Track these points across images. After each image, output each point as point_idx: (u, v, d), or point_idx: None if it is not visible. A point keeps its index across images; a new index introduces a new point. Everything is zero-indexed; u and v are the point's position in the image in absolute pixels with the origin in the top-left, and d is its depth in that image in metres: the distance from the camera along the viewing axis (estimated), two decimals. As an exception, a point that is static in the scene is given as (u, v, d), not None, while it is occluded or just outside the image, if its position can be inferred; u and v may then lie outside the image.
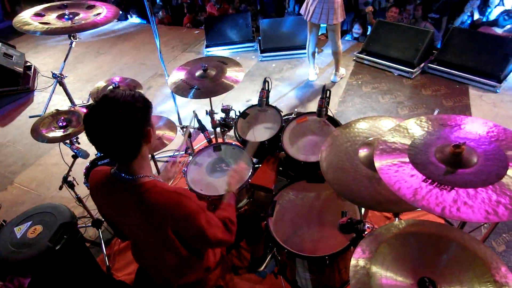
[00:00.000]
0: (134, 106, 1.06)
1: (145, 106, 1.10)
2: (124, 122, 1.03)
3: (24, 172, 3.09)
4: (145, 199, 1.11)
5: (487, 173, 1.09)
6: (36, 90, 4.37)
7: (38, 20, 1.97)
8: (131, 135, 1.06)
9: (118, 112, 1.02)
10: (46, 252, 1.65)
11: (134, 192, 1.13)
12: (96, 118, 1.03)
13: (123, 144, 1.07)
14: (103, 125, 1.02)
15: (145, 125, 1.10)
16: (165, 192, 1.13)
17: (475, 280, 1.09)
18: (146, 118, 1.10)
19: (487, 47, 3.53)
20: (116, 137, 1.04)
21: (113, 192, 1.18)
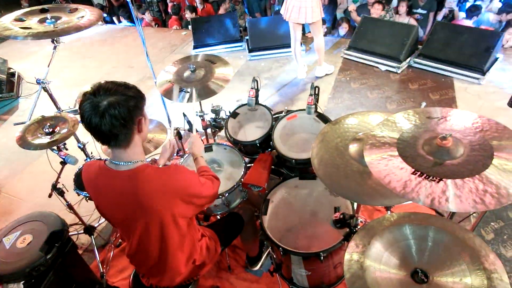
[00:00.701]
0: (127, 95, 1.12)
1: (138, 96, 1.16)
2: (117, 109, 1.08)
3: (11, 181, 3.03)
4: (140, 187, 1.16)
5: (474, 163, 1.11)
6: (21, 97, 4.28)
7: (19, 25, 1.92)
8: (124, 122, 1.10)
9: (110, 99, 1.08)
10: (37, 262, 1.62)
11: (129, 180, 1.17)
12: (91, 105, 1.07)
13: (116, 130, 1.10)
14: (98, 111, 1.07)
15: (137, 114, 1.14)
16: (158, 173, 1.19)
17: (466, 268, 1.12)
18: (139, 107, 1.15)
19: (470, 41, 3.61)
20: (110, 124, 1.08)
21: (109, 183, 1.21)
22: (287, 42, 4.12)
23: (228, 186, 1.84)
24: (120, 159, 1.19)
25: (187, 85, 2.04)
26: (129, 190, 1.17)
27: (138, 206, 1.19)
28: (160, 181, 1.18)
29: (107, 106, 1.07)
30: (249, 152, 2.10)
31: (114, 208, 1.26)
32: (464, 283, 1.08)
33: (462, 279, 1.09)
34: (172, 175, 1.21)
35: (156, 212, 1.19)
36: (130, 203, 1.19)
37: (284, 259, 1.65)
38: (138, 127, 1.17)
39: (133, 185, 1.17)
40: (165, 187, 1.18)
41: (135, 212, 1.20)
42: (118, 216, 1.28)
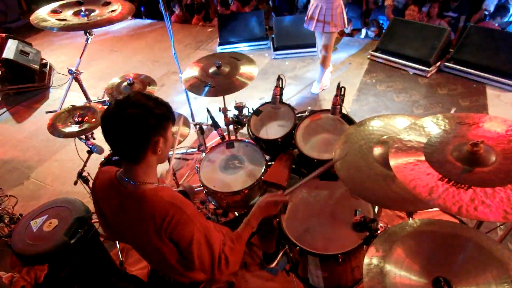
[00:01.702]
0: (151, 111, 1.06)
1: (164, 116, 1.10)
2: (133, 122, 1.03)
3: (40, 168, 3.17)
4: (142, 210, 1.11)
5: (506, 171, 1.06)
6: (52, 87, 4.47)
7: (55, 17, 2.01)
8: (138, 138, 1.06)
9: (132, 111, 1.03)
10: (62, 246, 1.69)
11: (133, 199, 1.12)
12: (112, 112, 1.05)
13: (128, 144, 1.07)
14: (115, 120, 1.04)
15: (155, 133, 1.08)
16: (163, 202, 1.11)
17: (492, 281, 1.07)
18: (160, 127, 1.09)
19: (505, 46, 3.44)
20: (122, 136, 1.05)
21: (114, 196, 1.17)
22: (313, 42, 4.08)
23: (248, 183, 1.84)
24: (129, 176, 1.13)
25: (212, 80, 2.06)
26: (129, 209, 1.14)
27: (135, 225, 1.16)
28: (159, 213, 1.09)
29: (126, 118, 1.03)
30: (271, 150, 2.09)
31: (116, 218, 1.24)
32: (489, 296, 1.04)
33: (488, 292, 1.05)
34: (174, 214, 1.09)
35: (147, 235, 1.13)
36: (130, 220, 1.17)
37: (301, 259, 1.64)
38: (152, 147, 1.10)
39: (134, 207, 1.12)
40: (164, 222, 1.09)
41: (138, 233, 1.18)
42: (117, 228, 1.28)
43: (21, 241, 1.69)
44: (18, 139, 3.59)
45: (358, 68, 4.07)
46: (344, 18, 3.16)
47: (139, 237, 1.20)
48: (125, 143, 1.07)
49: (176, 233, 1.11)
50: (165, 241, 1.14)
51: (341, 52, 4.46)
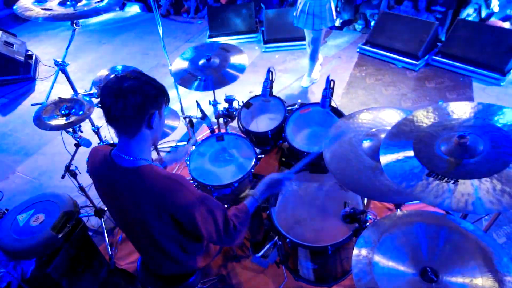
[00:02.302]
0: (150, 84, 1.11)
1: (161, 91, 1.15)
2: (134, 92, 1.06)
3: (26, 161, 3.10)
4: (140, 184, 1.12)
5: (493, 161, 1.07)
6: (38, 79, 4.35)
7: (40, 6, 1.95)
8: (136, 107, 1.07)
9: (132, 82, 1.08)
10: (49, 240, 1.66)
11: (130, 175, 1.13)
12: (113, 83, 1.08)
13: (127, 114, 1.07)
14: (116, 90, 1.06)
15: (153, 105, 1.11)
16: (159, 178, 1.13)
17: (477, 269, 1.10)
18: (157, 101, 1.13)
19: (492, 40, 3.49)
20: (122, 105, 1.06)
21: (109, 174, 1.18)
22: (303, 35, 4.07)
23: (238, 176, 1.84)
24: (124, 151, 1.14)
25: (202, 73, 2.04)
26: (127, 187, 1.14)
27: (132, 204, 1.16)
28: (159, 187, 1.11)
29: (125, 88, 1.06)
30: (261, 143, 2.09)
31: (110, 199, 1.25)
32: (474, 284, 1.07)
33: (473, 280, 1.08)
34: (172, 188, 1.12)
35: (147, 213, 1.14)
36: (125, 198, 1.17)
37: (291, 251, 1.66)
38: (149, 120, 1.12)
39: (130, 182, 1.13)
40: (160, 196, 1.11)
41: (129, 208, 1.18)
42: (114, 207, 1.28)
43: (7, 236, 1.66)
44: (3, 132, 3.49)
45: (348, 61, 4.08)
46: (333, 14, 3.14)
47: (137, 219, 1.19)
48: (124, 113, 1.07)
49: (177, 206, 1.12)
50: (164, 219, 1.14)
51: (331, 45, 4.46)
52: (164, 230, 1.19)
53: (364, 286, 1.11)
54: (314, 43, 3.31)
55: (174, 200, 1.12)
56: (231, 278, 1.99)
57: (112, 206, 1.28)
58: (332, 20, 3.14)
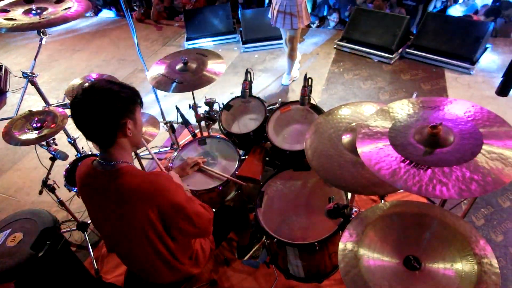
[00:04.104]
0: (117, 95, 1.09)
1: (130, 99, 1.13)
2: (100, 108, 1.06)
3: (0, 179, 2.97)
4: (122, 184, 1.12)
5: (463, 151, 1.13)
6: (9, 91, 4.18)
7: (3, 16, 1.86)
8: (106, 122, 1.09)
9: (97, 97, 1.07)
10: (29, 260, 1.59)
11: (111, 178, 1.14)
12: (80, 100, 1.08)
13: (98, 129, 1.10)
14: (83, 107, 1.07)
15: (122, 116, 1.11)
16: (139, 175, 1.14)
17: (456, 254, 1.14)
18: (127, 110, 1.12)
19: (460, 31, 3.63)
20: (92, 122, 1.08)
21: (93, 182, 1.18)
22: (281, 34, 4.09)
23: (222, 179, 1.83)
24: (105, 159, 1.16)
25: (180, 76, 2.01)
26: (109, 189, 1.14)
27: (116, 207, 1.15)
28: (140, 184, 1.12)
29: (89, 106, 1.06)
30: (243, 144, 2.09)
31: (99, 210, 1.23)
32: (455, 269, 1.10)
33: (453, 265, 1.12)
34: (154, 180, 1.14)
35: (134, 216, 1.14)
36: (109, 204, 1.15)
37: (280, 251, 1.66)
38: (122, 130, 1.12)
39: (114, 184, 1.13)
40: (144, 191, 1.12)
41: (115, 212, 1.16)
42: (100, 217, 1.25)
43: (-17, 259, 1.58)
44: (-27, 150, 3.33)
45: (326, 58, 4.14)
46: (308, 13, 3.17)
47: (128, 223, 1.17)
48: (95, 129, 1.10)
49: (166, 200, 1.14)
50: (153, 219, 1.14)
51: (308, 42, 4.51)
52: (155, 228, 1.18)
53: (351, 279, 1.12)
54: (291, 42, 3.33)
55: (158, 190, 1.13)
56: (223, 282, 1.97)
57: (102, 218, 1.25)
58: (308, 18, 3.17)
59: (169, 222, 1.19)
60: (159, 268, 1.31)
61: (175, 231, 1.23)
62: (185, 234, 1.26)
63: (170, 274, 1.36)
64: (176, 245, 1.30)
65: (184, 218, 1.20)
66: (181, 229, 1.22)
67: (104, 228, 1.29)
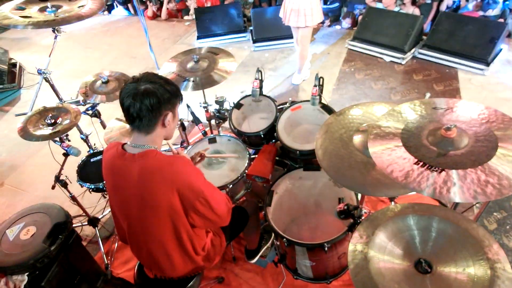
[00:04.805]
0: (164, 87, 1.18)
1: (174, 92, 1.22)
2: (149, 95, 1.15)
3: (14, 173, 3.03)
4: (144, 165, 1.18)
5: (477, 154, 1.11)
6: (23, 87, 4.27)
7: (19, 14, 1.90)
8: (152, 109, 1.16)
9: (148, 85, 1.15)
10: (41, 254, 1.62)
11: (137, 160, 1.19)
12: (131, 86, 1.16)
13: (144, 115, 1.16)
14: (133, 93, 1.15)
15: (167, 107, 1.20)
16: (161, 157, 1.20)
17: (469, 258, 1.12)
18: (171, 102, 1.21)
19: (474, 31, 3.56)
20: (139, 107, 1.15)
21: (119, 163, 1.23)
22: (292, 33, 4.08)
23: (232, 178, 1.84)
24: (136, 143, 1.22)
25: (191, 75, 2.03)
26: (134, 170, 1.19)
27: (138, 189, 1.19)
28: (162, 164, 1.18)
29: (142, 91, 1.14)
30: (253, 143, 2.09)
31: (119, 192, 1.27)
32: (467, 273, 1.09)
33: (466, 269, 1.10)
34: (176, 162, 1.21)
35: (154, 196, 1.19)
36: (133, 185, 1.20)
37: (289, 250, 1.66)
38: (163, 120, 1.20)
39: (138, 165, 1.19)
40: (165, 171, 1.18)
41: (135, 195, 1.21)
42: (121, 200, 1.28)
43: (-2, 251, 1.62)
44: (-12, 144, 3.42)
45: (337, 57, 4.11)
46: (321, 11, 3.16)
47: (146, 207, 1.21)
48: (140, 114, 1.16)
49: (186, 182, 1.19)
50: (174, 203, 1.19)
51: (319, 42, 4.48)
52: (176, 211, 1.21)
53: (361, 281, 1.11)
54: (303, 41, 3.32)
55: (179, 172, 1.19)
56: (231, 280, 1.98)
57: (123, 201, 1.29)
58: (320, 17, 3.16)
59: (188, 205, 1.22)
60: (174, 257, 1.33)
61: (193, 215, 1.25)
62: (203, 219, 1.29)
63: (183, 265, 1.38)
64: (193, 232, 1.33)
65: (202, 202, 1.23)
66: (199, 213, 1.25)
67: (122, 214, 1.32)
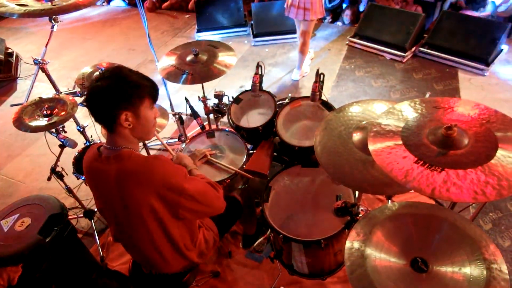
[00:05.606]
0: (122, 87, 1.10)
1: (137, 92, 1.12)
2: (99, 95, 1.10)
3: (10, 164, 3.01)
4: (121, 168, 1.14)
5: (477, 154, 1.10)
6: (19, 78, 4.22)
7: (15, 2, 1.86)
8: (102, 109, 1.12)
9: (101, 83, 1.10)
10: (36, 245, 1.61)
11: (113, 162, 1.16)
12: (90, 85, 1.13)
13: (98, 114, 1.13)
14: (92, 89, 1.11)
15: (121, 106, 1.11)
16: (138, 160, 1.16)
17: (465, 258, 1.12)
18: (127, 102, 1.11)
19: (476, 31, 3.54)
20: (93, 105, 1.12)
21: (98, 167, 1.20)
22: (292, 28, 4.05)
23: (230, 173, 1.82)
24: (110, 143, 1.19)
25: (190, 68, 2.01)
26: (110, 174, 1.16)
27: (117, 192, 1.16)
28: (137, 168, 1.13)
29: (97, 89, 1.10)
30: (252, 138, 2.08)
31: (101, 195, 1.25)
32: (463, 273, 1.09)
33: (462, 269, 1.10)
34: (151, 164, 1.14)
35: (134, 201, 1.15)
36: (111, 188, 1.17)
37: (285, 246, 1.66)
38: (118, 121, 1.12)
39: (114, 169, 1.15)
40: (141, 175, 1.13)
41: (117, 198, 1.18)
42: (105, 203, 1.27)
43: (-8, 242, 1.61)
44: (-16, 134, 3.38)
45: (337, 54, 4.09)
46: (322, 6, 3.14)
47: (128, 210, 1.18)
48: (97, 112, 1.13)
49: (164, 183, 1.14)
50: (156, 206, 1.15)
51: (320, 38, 4.45)
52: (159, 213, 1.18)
53: (357, 279, 1.11)
54: (304, 36, 3.30)
55: (157, 172, 1.14)
56: (226, 275, 1.98)
57: (106, 204, 1.27)
58: (322, 12, 3.14)
59: (173, 204, 1.19)
60: (166, 255, 1.32)
61: (182, 212, 1.22)
62: (193, 213, 1.27)
63: (175, 262, 1.37)
64: (183, 229, 1.31)
65: (187, 198, 1.19)
66: (187, 209, 1.22)
67: (108, 215, 1.31)
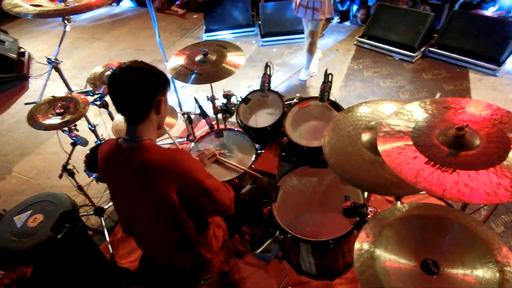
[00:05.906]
0: (153, 73, 1.17)
1: (163, 79, 1.21)
2: (139, 82, 1.13)
3: (22, 161, 3.07)
4: (144, 159, 1.16)
5: (489, 155, 1.09)
6: (31, 77, 4.29)
7: (29, 2, 1.90)
8: (144, 96, 1.15)
9: (136, 72, 1.13)
10: (48, 241, 1.65)
11: (134, 153, 1.17)
12: (119, 75, 1.14)
13: (135, 102, 1.15)
14: (122, 81, 1.13)
15: (158, 92, 1.18)
16: (161, 151, 1.19)
17: (477, 260, 1.11)
18: (161, 88, 1.19)
19: (487, 31, 3.49)
20: (129, 95, 1.14)
21: (117, 158, 1.22)
22: (300, 28, 4.05)
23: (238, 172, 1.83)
24: (131, 135, 1.20)
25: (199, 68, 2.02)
26: (132, 165, 1.18)
27: (138, 181, 1.19)
28: (161, 159, 1.16)
29: (131, 79, 1.12)
30: (260, 138, 2.08)
31: (119, 186, 1.27)
32: (475, 275, 1.07)
33: (473, 272, 1.08)
34: (174, 155, 1.19)
35: (153, 192, 1.18)
36: (132, 178, 1.19)
37: (293, 246, 1.66)
38: (156, 106, 1.19)
39: (136, 159, 1.17)
40: (164, 166, 1.16)
41: (136, 188, 1.21)
42: (122, 194, 1.29)
43: (5, 238, 1.64)
44: (-3, 132, 3.45)
45: (345, 54, 4.07)
46: (331, 6, 3.13)
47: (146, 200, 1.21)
48: (132, 102, 1.15)
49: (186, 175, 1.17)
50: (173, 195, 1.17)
51: (328, 38, 4.44)
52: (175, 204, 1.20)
53: (367, 280, 1.11)
54: (312, 36, 3.30)
55: (179, 167, 1.17)
56: (234, 274, 1.99)
57: (123, 195, 1.29)
58: (331, 11, 3.14)
59: (189, 197, 1.21)
60: (176, 248, 1.34)
61: (196, 206, 1.25)
62: (206, 209, 1.29)
63: (185, 255, 1.39)
64: (195, 223, 1.33)
65: (203, 193, 1.22)
66: (202, 204, 1.25)
67: (125, 206, 1.33)
